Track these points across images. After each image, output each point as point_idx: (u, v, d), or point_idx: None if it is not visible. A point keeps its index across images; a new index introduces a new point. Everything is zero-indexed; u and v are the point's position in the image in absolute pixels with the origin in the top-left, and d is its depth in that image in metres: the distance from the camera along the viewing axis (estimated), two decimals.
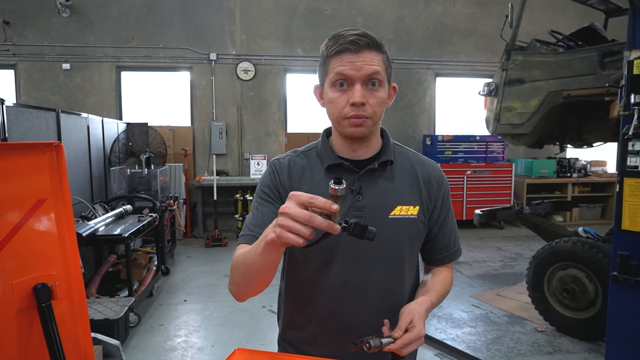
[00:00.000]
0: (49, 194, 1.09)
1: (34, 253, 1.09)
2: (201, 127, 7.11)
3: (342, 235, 1.04)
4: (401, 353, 0.92)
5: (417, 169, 1.14)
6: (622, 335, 2.37)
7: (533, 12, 7.00)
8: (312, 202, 0.75)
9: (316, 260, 1.08)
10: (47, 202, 1.09)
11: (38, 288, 1.07)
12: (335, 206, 0.75)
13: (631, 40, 2.32)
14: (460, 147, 7.20)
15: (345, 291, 1.08)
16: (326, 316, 1.10)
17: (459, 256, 1.22)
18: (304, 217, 0.75)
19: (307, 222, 0.75)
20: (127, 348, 3.13)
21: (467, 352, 3.09)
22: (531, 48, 3.86)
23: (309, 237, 0.76)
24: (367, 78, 0.99)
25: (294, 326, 1.16)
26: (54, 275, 1.09)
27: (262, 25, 7.13)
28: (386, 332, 0.96)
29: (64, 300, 1.12)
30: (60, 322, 1.09)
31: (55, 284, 1.09)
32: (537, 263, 3.52)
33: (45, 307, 1.06)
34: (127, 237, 3.42)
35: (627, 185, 2.22)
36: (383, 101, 1.03)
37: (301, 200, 0.76)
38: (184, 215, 6.57)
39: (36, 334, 1.07)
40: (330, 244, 1.06)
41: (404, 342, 0.92)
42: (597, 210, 7.79)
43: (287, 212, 0.76)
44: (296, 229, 0.75)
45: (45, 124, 3.44)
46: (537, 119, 3.67)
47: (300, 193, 0.77)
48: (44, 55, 6.61)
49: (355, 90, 0.99)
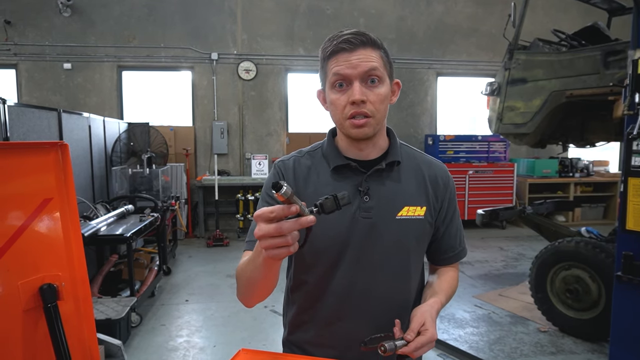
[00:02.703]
0: (54, 194, 1.09)
1: (39, 253, 1.09)
2: (202, 127, 7.11)
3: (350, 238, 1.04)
4: (413, 356, 0.91)
5: (423, 169, 1.14)
6: (626, 336, 2.35)
7: (536, 12, 6.98)
8: (273, 215, 0.76)
9: (324, 263, 1.08)
10: (52, 202, 1.08)
11: (44, 288, 1.06)
12: (293, 208, 0.76)
13: (635, 39, 2.31)
14: (462, 147, 7.19)
15: (352, 292, 1.07)
16: (333, 317, 1.09)
17: (464, 256, 1.22)
18: (275, 230, 0.76)
19: (280, 233, 0.76)
20: (129, 348, 3.12)
21: (470, 353, 3.09)
22: (534, 47, 3.85)
23: (293, 243, 0.77)
24: (365, 75, 0.99)
25: (300, 327, 1.16)
26: (59, 276, 1.09)
27: (263, 25, 7.13)
28: (397, 332, 0.95)
29: (70, 300, 1.12)
30: (65, 322, 1.08)
31: (61, 284, 1.08)
32: (540, 263, 3.52)
33: (51, 308, 1.05)
34: (128, 237, 3.41)
35: (632, 185, 2.21)
36: (385, 98, 1.02)
37: (264, 217, 0.76)
38: (186, 215, 6.57)
39: (42, 334, 1.07)
40: (337, 246, 1.06)
41: (417, 346, 0.91)
42: (599, 210, 7.78)
43: (260, 234, 0.77)
44: (277, 244, 0.77)
45: (47, 124, 3.44)
46: (539, 119, 3.66)
47: (260, 212, 0.77)
48: (45, 55, 6.61)
49: (354, 89, 0.98)
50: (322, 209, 0.79)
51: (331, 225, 1.03)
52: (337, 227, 1.04)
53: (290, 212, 0.76)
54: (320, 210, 0.79)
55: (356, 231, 1.05)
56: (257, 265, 0.88)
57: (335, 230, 1.05)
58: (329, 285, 1.08)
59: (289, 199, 0.74)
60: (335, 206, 0.79)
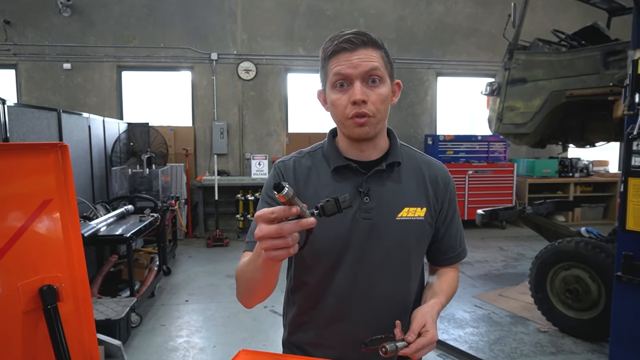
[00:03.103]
0: (54, 195, 1.08)
1: (39, 254, 1.08)
2: (202, 127, 7.10)
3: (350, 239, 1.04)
4: (414, 357, 0.92)
5: (423, 169, 1.14)
6: (626, 336, 2.35)
7: (535, 12, 6.98)
8: (273, 216, 0.76)
9: (324, 264, 1.08)
10: (52, 203, 1.08)
11: (44, 290, 1.06)
12: (294, 209, 0.76)
13: (635, 39, 2.31)
14: (462, 147, 7.20)
15: (353, 293, 1.07)
16: (333, 318, 1.09)
17: (464, 256, 1.22)
18: (275, 232, 0.76)
19: (280, 234, 0.76)
20: (129, 348, 3.12)
21: (470, 353, 3.09)
22: (534, 47, 3.85)
23: (293, 244, 0.78)
24: (366, 75, 0.99)
25: (300, 328, 1.16)
26: (59, 277, 1.08)
27: (263, 25, 7.13)
28: (398, 334, 0.95)
29: (70, 301, 1.11)
30: (65, 323, 1.08)
31: (61, 286, 1.08)
32: (540, 263, 3.52)
33: (51, 309, 1.05)
34: (128, 237, 3.41)
35: (632, 185, 2.21)
36: (385, 98, 1.02)
37: (264, 218, 0.76)
38: (185, 215, 6.57)
39: (42, 336, 1.07)
40: (338, 247, 1.06)
41: (418, 347, 0.91)
42: (599, 210, 7.79)
43: (260, 235, 0.77)
44: (278, 245, 0.77)
45: (47, 124, 3.44)
46: (539, 119, 3.66)
47: (261, 213, 0.77)
48: (44, 55, 6.61)
49: (355, 88, 0.98)
50: (323, 211, 0.79)
51: (331, 226, 1.03)
52: (337, 228, 1.04)
53: (291, 214, 0.76)
54: (321, 212, 0.79)
55: (356, 232, 1.05)
56: (257, 266, 0.88)
57: (336, 231, 1.05)
58: (329, 286, 1.08)
59: (290, 200, 0.74)
60: (336, 209, 0.79)
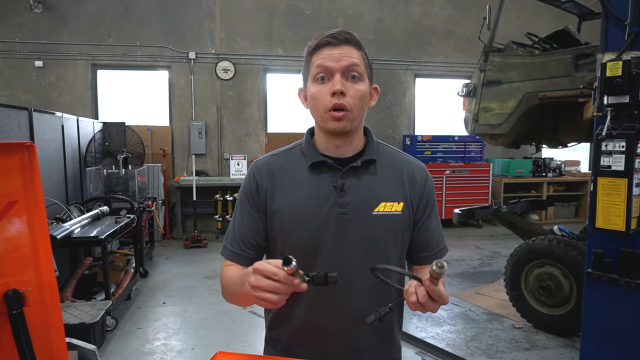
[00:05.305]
0: (20, 196, 1.05)
1: (4, 258, 1.05)
2: (180, 127, 7.01)
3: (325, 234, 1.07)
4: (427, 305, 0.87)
5: (401, 166, 1.15)
6: (596, 331, 2.42)
7: (509, 15, 7.13)
8: (275, 278, 0.84)
9: (301, 259, 1.07)
10: (18, 205, 1.05)
11: (9, 294, 1.02)
12: (296, 281, 0.84)
13: (604, 43, 2.38)
14: (440, 147, 7.30)
15: (330, 287, 1.07)
16: (311, 313, 1.10)
17: (444, 255, 1.21)
18: (271, 288, 0.84)
19: (274, 291, 0.84)
20: (104, 353, 3.06)
21: (447, 350, 3.13)
22: (508, 50, 3.93)
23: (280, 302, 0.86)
24: (347, 69, 1.02)
25: (279, 324, 1.16)
26: (26, 281, 1.05)
27: (242, 24, 7.07)
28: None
29: (37, 306, 1.08)
30: (32, 329, 1.04)
31: (28, 290, 1.04)
32: (515, 261, 3.59)
33: (16, 315, 1.02)
34: (103, 239, 3.34)
35: (601, 184, 2.27)
36: (363, 95, 1.05)
37: (265, 274, 0.84)
38: (163, 216, 6.47)
39: (6, 342, 1.03)
40: (313, 242, 1.06)
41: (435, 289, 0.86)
42: (571, 209, 8.00)
43: (256, 285, 0.85)
44: (268, 298, 0.85)
45: (17, 123, 3.34)
46: (514, 120, 3.74)
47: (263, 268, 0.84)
48: (15, 52, 6.41)
49: (335, 80, 1.02)
50: (312, 280, 0.89)
51: (307, 222, 1.05)
52: (312, 223, 1.06)
53: (292, 285, 0.84)
54: (311, 280, 0.89)
55: (332, 227, 1.06)
56: (243, 293, 0.96)
57: (311, 226, 1.06)
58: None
59: (295, 273, 0.83)
60: (323, 281, 0.89)
